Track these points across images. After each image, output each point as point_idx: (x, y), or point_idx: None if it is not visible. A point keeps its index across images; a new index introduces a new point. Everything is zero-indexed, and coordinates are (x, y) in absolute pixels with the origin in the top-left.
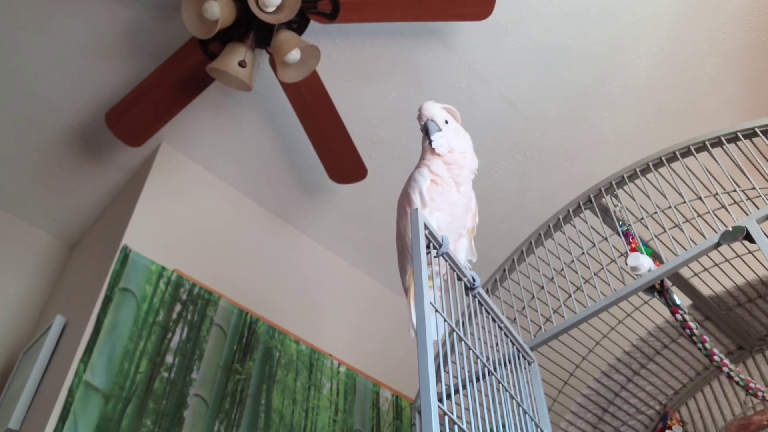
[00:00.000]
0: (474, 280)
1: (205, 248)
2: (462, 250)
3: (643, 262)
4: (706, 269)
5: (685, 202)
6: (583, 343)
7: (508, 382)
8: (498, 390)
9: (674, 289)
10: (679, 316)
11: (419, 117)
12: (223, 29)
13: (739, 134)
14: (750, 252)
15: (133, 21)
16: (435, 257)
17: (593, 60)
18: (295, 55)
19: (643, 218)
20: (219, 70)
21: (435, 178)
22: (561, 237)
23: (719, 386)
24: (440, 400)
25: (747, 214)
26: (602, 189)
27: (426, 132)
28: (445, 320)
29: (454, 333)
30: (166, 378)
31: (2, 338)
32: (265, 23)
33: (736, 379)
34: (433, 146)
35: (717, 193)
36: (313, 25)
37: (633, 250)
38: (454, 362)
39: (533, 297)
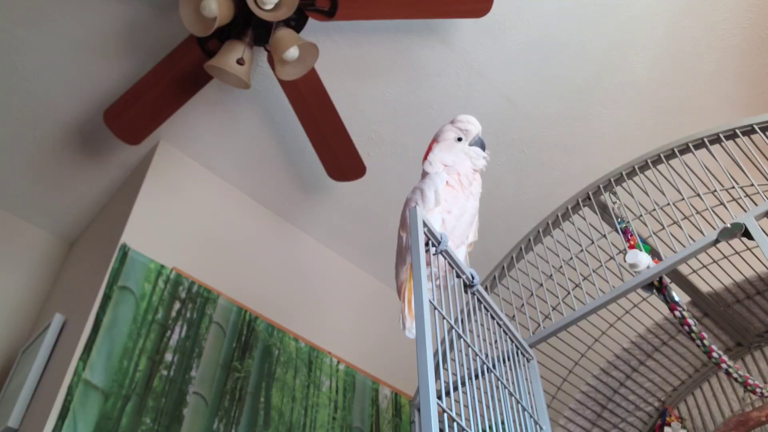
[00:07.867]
0: (473, 278)
1: (203, 246)
2: (460, 256)
3: (641, 259)
4: (704, 266)
5: (683, 199)
6: (582, 340)
7: (507, 380)
8: (497, 387)
9: (673, 285)
10: (677, 313)
11: (464, 129)
12: (221, 27)
13: (738, 131)
14: (748, 249)
15: (131, 18)
16: (434, 254)
17: (591, 57)
18: (293, 52)
19: (641, 215)
20: (217, 68)
21: (451, 182)
22: (560, 234)
23: (718, 383)
24: (439, 397)
25: (745, 211)
26: (601, 186)
27: (482, 147)
28: (444, 318)
29: (453, 330)
30: (166, 376)
31: (1, 336)
32: (263, 21)
33: (735, 375)
34: (483, 163)
35: (715, 190)
36: (312, 23)
37: (632, 247)
38: (453, 360)
39: (532, 294)
